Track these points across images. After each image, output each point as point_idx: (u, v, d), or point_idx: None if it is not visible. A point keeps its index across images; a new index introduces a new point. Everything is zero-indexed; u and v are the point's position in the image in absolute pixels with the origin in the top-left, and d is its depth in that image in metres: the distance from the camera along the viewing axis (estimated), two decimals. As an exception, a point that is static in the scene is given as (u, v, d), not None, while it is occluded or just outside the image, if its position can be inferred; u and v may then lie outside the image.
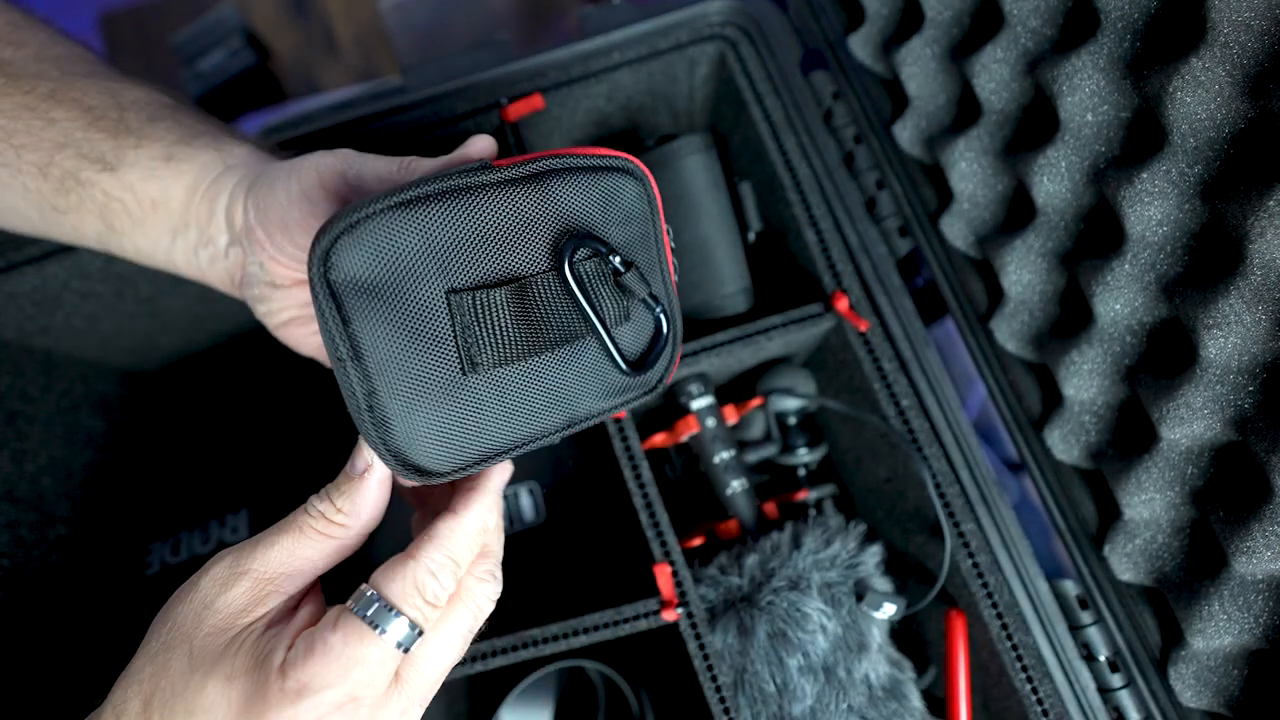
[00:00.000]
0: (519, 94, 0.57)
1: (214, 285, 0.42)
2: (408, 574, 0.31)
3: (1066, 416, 0.48)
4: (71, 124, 0.40)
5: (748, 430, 0.60)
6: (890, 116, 0.56)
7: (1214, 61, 0.38)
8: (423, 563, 0.31)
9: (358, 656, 0.29)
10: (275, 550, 0.31)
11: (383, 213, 0.28)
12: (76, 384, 0.64)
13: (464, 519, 0.33)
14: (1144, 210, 0.42)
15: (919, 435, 0.51)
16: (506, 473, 0.36)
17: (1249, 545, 0.39)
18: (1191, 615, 0.42)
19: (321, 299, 0.28)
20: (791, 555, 0.50)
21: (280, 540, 0.31)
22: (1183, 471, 0.43)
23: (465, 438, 0.31)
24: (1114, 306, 0.44)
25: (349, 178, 0.35)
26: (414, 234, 0.29)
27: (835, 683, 0.48)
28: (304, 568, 0.32)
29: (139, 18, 1.04)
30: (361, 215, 0.28)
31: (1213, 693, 0.43)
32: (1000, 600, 0.48)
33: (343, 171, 0.35)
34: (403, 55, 0.95)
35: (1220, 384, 0.40)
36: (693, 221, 0.58)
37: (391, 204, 0.28)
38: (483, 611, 0.34)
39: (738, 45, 0.58)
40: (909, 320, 0.53)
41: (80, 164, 0.40)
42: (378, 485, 0.32)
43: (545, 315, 0.31)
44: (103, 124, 0.40)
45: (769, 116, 0.56)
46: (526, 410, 0.31)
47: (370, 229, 0.28)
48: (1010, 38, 0.47)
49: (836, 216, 0.55)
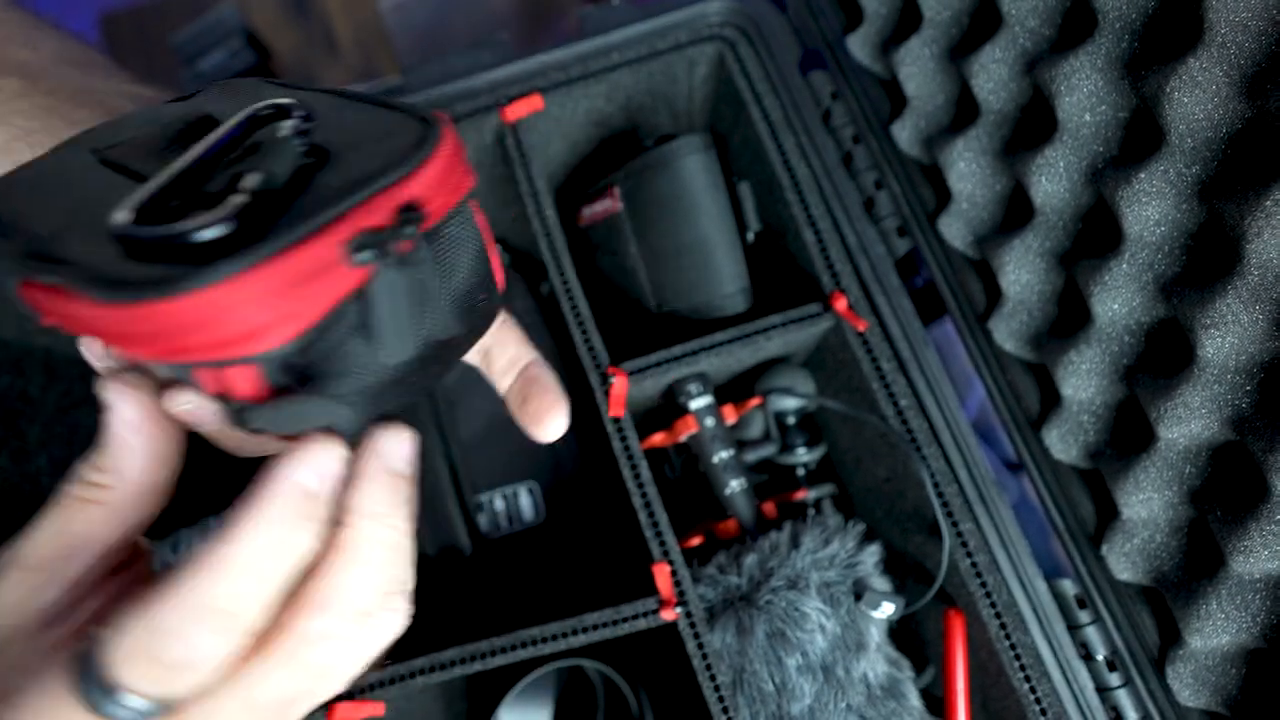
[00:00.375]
0: (518, 94, 0.57)
1: None
2: (132, 631, 0.21)
3: (1065, 416, 0.48)
4: (91, 120, 0.40)
5: (747, 430, 0.60)
6: (889, 116, 0.56)
7: (1212, 62, 0.38)
8: (154, 617, 0.21)
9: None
10: (39, 531, 0.25)
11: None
12: (77, 384, 0.64)
13: (240, 535, 0.22)
14: (1142, 210, 0.42)
15: (918, 435, 0.51)
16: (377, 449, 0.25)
17: (1247, 544, 0.39)
18: (1189, 614, 0.42)
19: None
20: (790, 555, 0.50)
21: (42, 519, 0.25)
22: (1181, 471, 0.43)
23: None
24: (1112, 306, 0.44)
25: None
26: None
27: (834, 682, 0.48)
28: (75, 544, 0.25)
29: (139, 18, 1.04)
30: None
31: (1211, 692, 0.43)
32: (998, 600, 0.48)
33: None
34: (403, 55, 0.95)
35: (1218, 384, 0.40)
36: (691, 221, 0.58)
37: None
38: (333, 665, 0.24)
39: (737, 45, 0.58)
40: (907, 320, 0.53)
41: None
42: (127, 428, 0.25)
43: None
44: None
45: (768, 116, 0.57)
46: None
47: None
48: (1008, 38, 0.47)
49: (835, 216, 0.55)
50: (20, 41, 0.41)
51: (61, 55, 0.42)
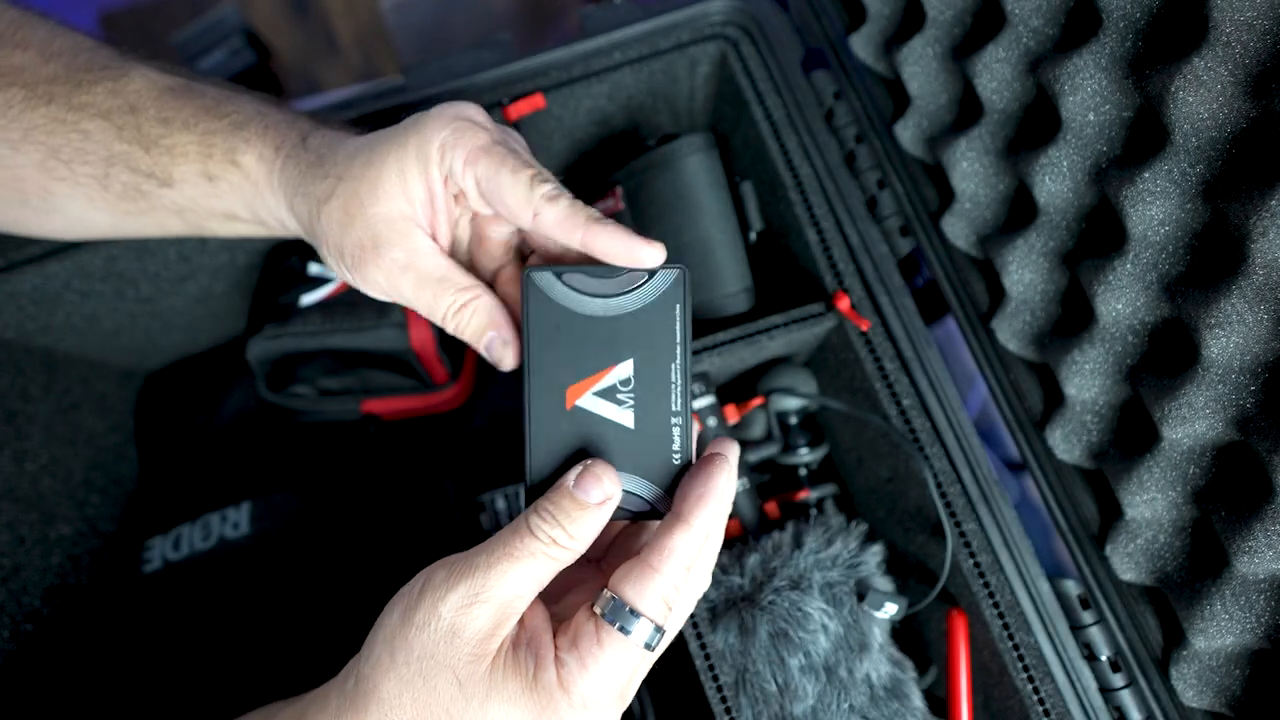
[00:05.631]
0: (520, 93, 0.57)
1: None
2: (653, 585, 0.32)
3: (1068, 416, 0.48)
4: (104, 135, 0.41)
5: (749, 430, 0.60)
6: (892, 116, 0.56)
7: (1216, 61, 0.38)
8: (666, 575, 0.33)
9: (622, 663, 0.32)
10: (511, 578, 0.32)
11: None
12: (76, 384, 0.64)
13: (695, 530, 0.33)
14: (1146, 210, 0.42)
15: (920, 435, 0.51)
16: (732, 482, 0.36)
17: (1251, 545, 0.39)
18: (1193, 615, 0.42)
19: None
20: (793, 555, 0.50)
21: (514, 569, 0.32)
22: (1184, 471, 0.43)
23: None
24: (1116, 306, 0.44)
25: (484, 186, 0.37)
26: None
27: (837, 682, 0.48)
28: (534, 589, 0.33)
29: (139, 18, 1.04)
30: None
31: (1214, 692, 0.43)
32: (1002, 600, 0.48)
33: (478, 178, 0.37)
34: (403, 54, 0.95)
35: (1222, 383, 0.40)
36: (694, 221, 0.58)
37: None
38: (690, 609, 0.36)
39: (739, 45, 0.58)
40: (910, 320, 0.53)
41: (136, 178, 0.41)
42: (607, 516, 0.34)
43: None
44: (127, 134, 0.41)
45: (770, 116, 0.56)
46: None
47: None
48: (1012, 37, 0.47)
49: (838, 216, 0.55)
50: (11, 42, 0.41)
51: (47, 49, 0.42)
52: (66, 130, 0.41)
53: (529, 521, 0.33)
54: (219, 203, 0.42)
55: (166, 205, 0.42)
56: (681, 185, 0.58)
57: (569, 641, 0.32)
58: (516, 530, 0.33)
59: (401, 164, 0.38)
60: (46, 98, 0.41)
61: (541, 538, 0.32)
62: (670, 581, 0.33)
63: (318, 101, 0.59)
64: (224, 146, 0.41)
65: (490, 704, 0.31)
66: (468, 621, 0.31)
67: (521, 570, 0.32)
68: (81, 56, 0.42)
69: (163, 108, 0.41)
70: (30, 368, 0.60)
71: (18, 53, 0.41)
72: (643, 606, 0.32)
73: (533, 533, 0.32)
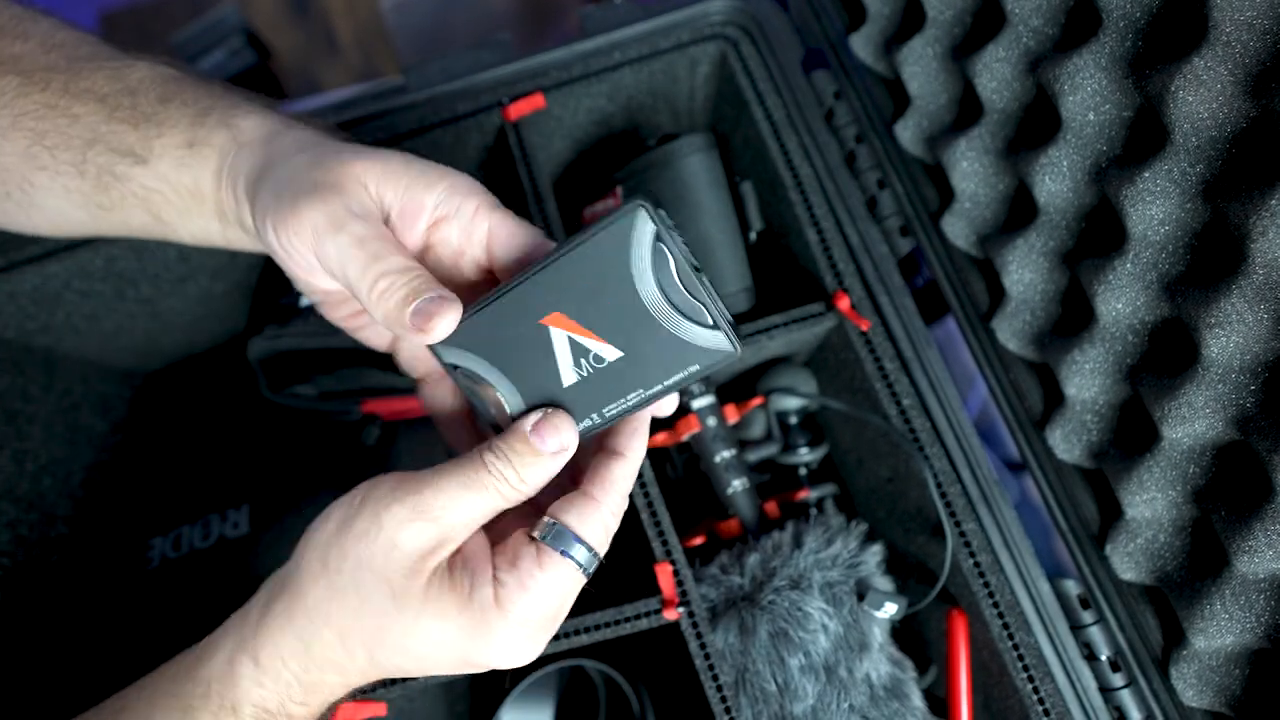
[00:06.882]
0: (520, 93, 0.57)
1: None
2: (596, 514, 0.34)
3: (1068, 416, 0.48)
4: (93, 118, 0.40)
5: (749, 429, 0.60)
6: (892, 116, 0.56)
7: (1216, 61, 0.38)
8: (605, 505, 0.34)
9: (559, 584, 0.33)
10: (459, 504, 0.32)
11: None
12: (77, 384, 0.64)
13: (631, 462, 0.35)
14: (1146, 209, 0.42)
15: (920, 435, 0.51)
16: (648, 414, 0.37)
17: (1251, 544, 0.39)
18: (1193, 614, 0.42)
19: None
20: (793, 554, 0.50)
21: (464, 496, 0.32)
22: (1184, 471, 0.43)
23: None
24: (1116, 306, 0.44)
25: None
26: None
27: (836, 682, 0.48)
28: (479, 521, 0.33)
29: (139, 18, 1.04)
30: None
31: (1214, 692, 0.43)
32: (1001, 600, 0.48)
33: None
34: (403, 55, 0.95)
35: (1222, 383, 0.40)
36: (694, 221, 0.58)
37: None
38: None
39: (739, 45, 0.58)
40: (910, 319, 0.53)
41: (113, 159, 0.40)
42: (560, 465, 0.34)
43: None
44: (120, 113, 0.40)
45: (770, 116, 0.56)
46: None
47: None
48: (1012, 37, 0.47)
49: (838, 216, 0.55)
50: (12, 34, 0.41)
51: (48, 42, 0.42)
52: (56, 115, 0.40)
53: (484, 455, 0.33)
54: (188, 175, 0.40)
55: (135, 191, 0.41)
56: (682, 185, 0.58)
57: (508, 562, 0.33)
58: (470, 460, 0.33)
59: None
60: (42, 84, 0.40)
61: (494, 473, 0.33)
62: (610, 510, 0.34)
63: (318, 101, 0.59)
64: (222, 111, 0.40)
65: (423, 618, 0.32)
66: (409, 536, 0.32)
67: (470, 499, 0.33)
68: (84, 49, 0.42)
69: (165, 89, 0.41)
70: (30, 368, 0.60)
71: (17, 43, 0.41)
72: (585, 533, 0.33)
73: (486, 467, 0.33)
